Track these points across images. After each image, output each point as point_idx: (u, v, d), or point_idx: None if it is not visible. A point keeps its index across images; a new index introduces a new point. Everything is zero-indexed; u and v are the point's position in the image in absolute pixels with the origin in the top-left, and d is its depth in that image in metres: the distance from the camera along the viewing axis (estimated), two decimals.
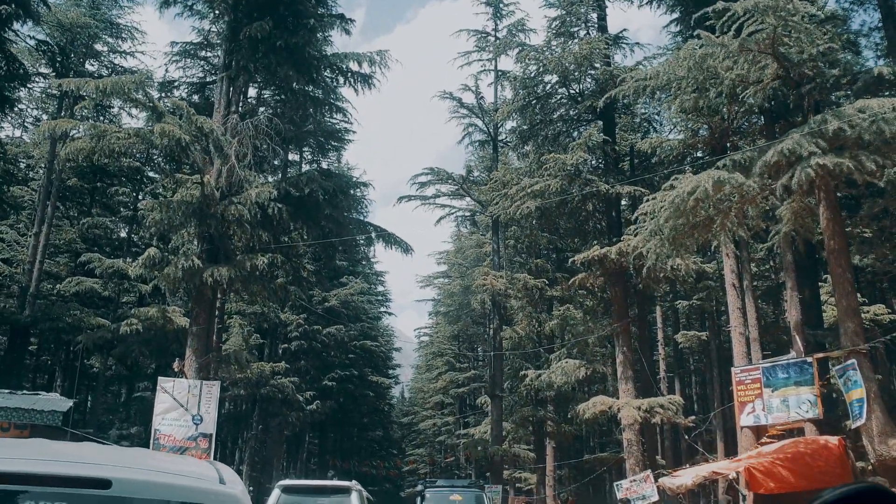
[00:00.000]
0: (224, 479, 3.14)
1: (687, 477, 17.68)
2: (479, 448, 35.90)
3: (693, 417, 27.84)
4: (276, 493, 15.35)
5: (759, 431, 18.87)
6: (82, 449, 3.53)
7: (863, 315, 23.27)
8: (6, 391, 20.82)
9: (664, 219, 15.11)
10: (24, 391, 23.28)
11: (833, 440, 16.40)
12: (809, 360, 17.65)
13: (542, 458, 35.93)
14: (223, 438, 41.36)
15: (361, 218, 28.14)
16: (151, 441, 19.92)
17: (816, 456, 15.95)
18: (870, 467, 15.81)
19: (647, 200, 15.79)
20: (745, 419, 18.77)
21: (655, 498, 19.99)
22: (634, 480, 21.28)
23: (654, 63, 24.10)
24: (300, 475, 43.70)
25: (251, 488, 35.70)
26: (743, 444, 19.69)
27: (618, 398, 23.91)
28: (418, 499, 19.05)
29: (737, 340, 20.49)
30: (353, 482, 16.03)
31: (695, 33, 16.04)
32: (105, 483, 2.71)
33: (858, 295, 23.90)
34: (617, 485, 22.13)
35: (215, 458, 20.85)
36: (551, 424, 34.49)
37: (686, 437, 28.37)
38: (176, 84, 30.28)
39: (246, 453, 38.51)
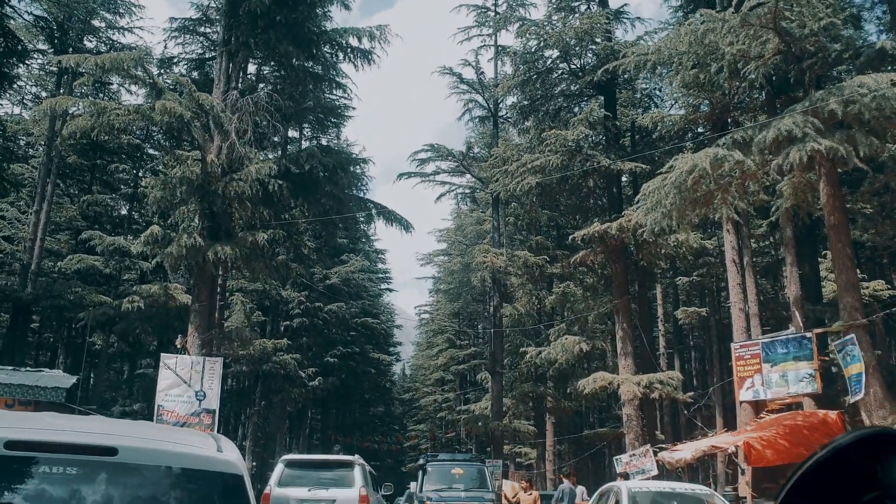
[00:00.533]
0: (221, 448, 3.34)
1: (686, 451, 17.84)
2: (480, 423, 36.14)
3: (692, 393, 28.02)
4: (279, 467, 15.53)
5: (758, 406, 19.01)
6: (91, 421, 3.70)
7: (862, 291, 23.34)
8: (9, 368, 20.95)
9: (667, 196, 15.12)
10: (28, 368, 23.42)
11: (832, 414, 16.52)
12: (808, 335, 17.76)
13: (542, 433, 36.19)
14: (226, 414, 41.63)
15: (361, 195, 28.14)
16: (155, 417, 20.06)
17: (814, 429, 16.08)
18: None
19: (649, 183, 15.78)
20: (744, 394, 18.92)
21: (655, 472, 20.17)
22: (634, 455, 21.46)
23: (655, 38, 23.97)
24: (303, 450, 44.03)
25: (254, 463, 36.01)
26: (742, 418, 19.84)
27: (618, 374, 24.04)
28: (420, 472, 19.03)
29: (736, 316, 20.58)
30: (356, 456, 16.20)
31: (696, 9, 15.98)
32: (112, 451, 2.92)
33: (858, 271, 23.97)
34: (616, 459, 22.31)
35: (218, 434, 21.00)
36: (551, 400, 34.69)
37: (685, 412, 28.56)
38: (175, 60, 30.14)
39: (249, 429, 38.80)
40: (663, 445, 22.23)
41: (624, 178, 28.27)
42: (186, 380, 20.18)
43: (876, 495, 0.84)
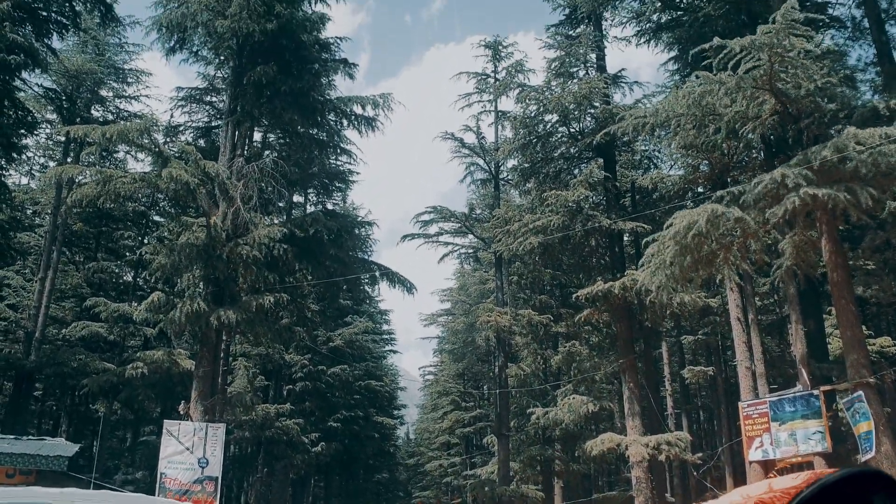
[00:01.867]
0: None
1: None
2: (487, 489, 35.51)
3: (700, 454, 27.63)
4: None
5: (767, 466, 18.75)
6: (102, 494, 5.42)
7: (870, 347, 23.27)
8: (11, 437, 20.78)
9: (668, 256, 15.23)
10: (30, 437, 23.23)
11: None
12: (816, 393, 17.64)
13: (550, 497, 35.54)
14: (229, 482, 41.02)
15: (365, 257, 28.29)
16: (157, 484, 19.84)
17: None
18: None
19: (652, 242, 15.91)
20: (753, 454, 18.69)
21: None
22: None
23: (653, 101, 24.45)
24: None
25: None
26: (752, 478, 19.51)
27: (625, 435, 23.78)
28: None
29: (743, 374, 20.46)
30: None
31: (693, 71, 16.33)
32: None
33: (864, 327, 23.91)
34: None
35: (221, 502, 20.74)
36: (559, 463, 34.18)
37: (695, 473, 28.12)
38: (181, 128, 30.71)
39: (252, 497, 38.21)
40: None
41: (626, 238, 28.43)
42: (189, 447, 20.02)
43: None
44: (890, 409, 22.51)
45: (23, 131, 30.14)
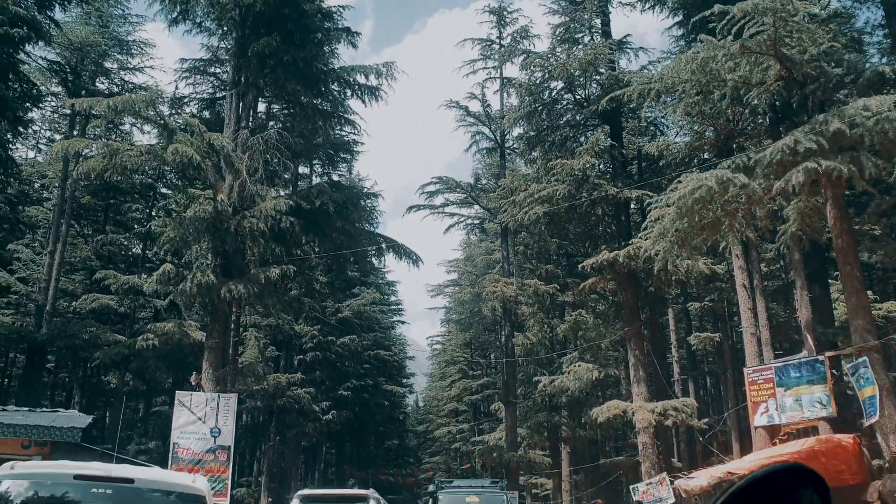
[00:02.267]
0: (196, 481, 6.31)
1: (702, 478, 17.77)
2: (495, 454, 35.99)
3: (706, 420, 27.85)
4: (295, 503, 15.55)
5: (773, 431, 18.90)
6: (120, 466, 6.95)
7: (876, 312, 23.30)
8: (25, 409, 21.06)
9: (671, 221, 15.25)
10: (43, 408, 23.54)
11: (847, 438, 16.42)
12: (821, 358, 17.71)
13: (557, 463, 35.96)
14: (241, 450, 41.57)
15: (372, 229, 28.41)
16: (170, 454, 20.14)
17: (832, 454, 15.98)
18: (885, 464, 15.83)
19: (655, 206, 15.92)
20: (758, 419, 18.83)
21: (672, 500, 20.04)
22: (650, 483, 21.35)
23: (658, 67, 24.26)
24: (318, 485, 43.85)
25: (270, 499, 35.91)
26: (757, 444, 19.72)
27: (631, 402, 23.98)
28: (430, 501, 17.53)
29: (748, 341, 20.55)
30: (371, 490, 16.20)
31: (697, 36, 16.20)
32: (131, 480, 5.75)
33: (870, 292, 23.91)
34: (633, 488, 22.19)
35: (233, 470, 21.07)
36: (566, 429, 34.52)
37: (700, 438, 28.38)
38: (186, 100, 30.66)
39: (264, 464, 38.72)
40: (680, 473, 22.10)
41: (632, 206, 28.41)
42: (201, 417, 20.28)
43: None
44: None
45: (28, 105, 30.17)
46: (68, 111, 33.34)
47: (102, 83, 36.96)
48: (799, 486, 0.93)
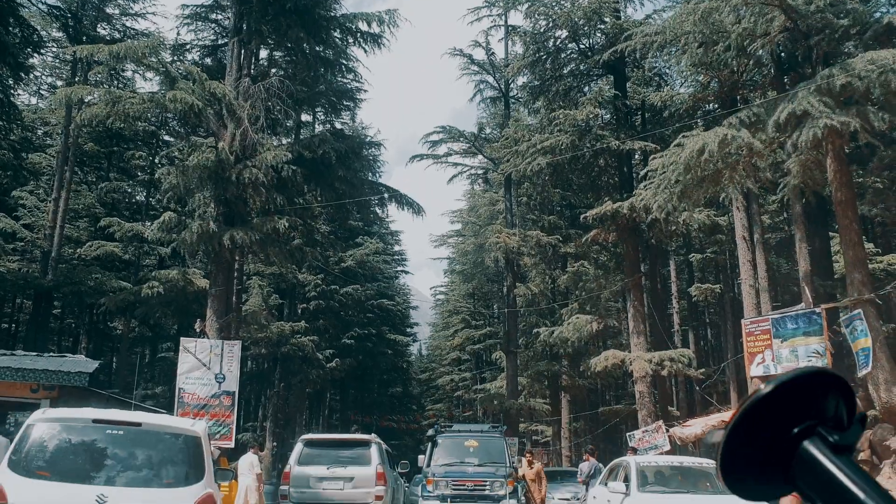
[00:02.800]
0: (195, 425, 7.86)
1: (697, 427, 18.12)
2: (496, 402, 36.49)
3: (703, 370, 28.17)
4: (299, 446, 15.92)
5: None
6: (133, 412, 9.25)
7: (877, 264, 23.40)
8: (33, 354, 21.40)
9: (674, 175, 15.27)
10: (51, 354, 23.91)
11: None
12: (818, 310, 17.88)
13: (557, 410, 36.51)
14: (246, 396, 42.27)
15: (374, 179, 28.37)
16: (175, 399, 20.51)
17: None
18: (877, 414, 16.11)
19: (656, 157, 15.91)
20: (754, 369, 19.09)
21: (667, 447, 20.43)
22: (647, 431, 21.74)
23: (664, 16, 23.92)
24: (322, 430, 44.64)
25: (275, 443, 36.63)
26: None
27: (630, 352, 24.27)
28: (430, 445, 17.12)
29: (747, 293, 20.71)
30: (373, 436, 16.58)
31: None
32: (139, 424, 7.44)
33: (872, 245, 23.97)
34: (629, 435, 22.59)
35: (238, 415, 21.47)
36: (566, 378, 34.96)
37: (698, 388, 28.77)
38: (188, 47, 30.35)
39: (269, 410, 39.37)
40: (677, 422, 22.49)
41: (636, 156, 28.31)
42: (206, 363, 20.60)
43: (808, 424, 1.00)
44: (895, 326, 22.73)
45: (29, 50, 29.97)
46: (70, 57, 33.08)
47: (104, 29, 36.57)
48: (826, 391, 0.98)
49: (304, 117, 35.57)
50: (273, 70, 27.34)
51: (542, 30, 27.14)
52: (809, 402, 0.95)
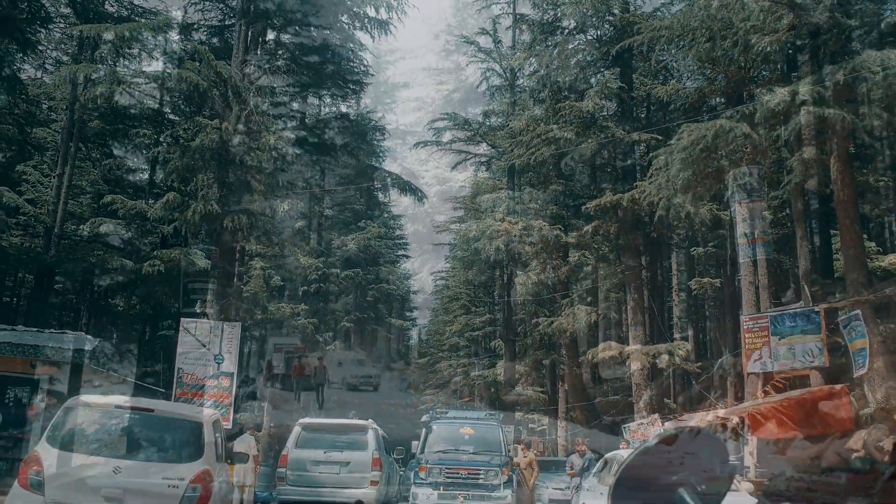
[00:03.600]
0: (202, 411, 11.39)
1: (692, 422, 18.16)
2: (493, 390, 36.66)
3: (700, 364, 28.25)
4: (297, 430, 16.05)
5: (765, 378, 19.22)
6: (147, 399, 11.06)
7: (878, 264, 23.39)
8: (34, 329, 21.48)
9: (676, 169, 15.28)
10: (52, 330, 23.98)
11: (836, 388, 16.73)
12: (817, 309, 17.93)
13: (554, 400, 36.64)
14: (245, 377, 42.39)
15: (377, 164, 28.38)
16: (175, 378, 20.65)
17: (819, 402, 16.30)
18: (873, 415, 16.19)
19: (659, 155, 15.92)
20: (752, 366, 19.15)
21: None
22: (642, 423, 21.86)
23: (672, 10, 23.83)
24: (321, 414, 44.82)
25: (272, 425, 36.80)
26: (750, 390, 20.08)
27: (628, 344, 24.35)
28: (424, 431, 16.95)
29: (746, 288, 20.73)
30: (370, 421, 16.70)
31: None
32: (152, 410, 9.40)
33: (874, 244, 23.94)
34: (624, 427, 22.71)
35: (236, 397, 21.61)
36: (564, 368, 35.06)
37: (694, 382, 28.87)
38: (195, 27, 30.25)
39: (268, 392, 39.52)
40: (672, 416, 22.57)
41: (642, 147, 28.24)
42: (206, 344, 20.71)
43: (684, 474, 1.08)
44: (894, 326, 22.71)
45: (36, 26, 29.86)
46: (76, 33, 32.97)
47: (112, 6, 36.38)
48: (702, 446, 1.05)
49: (310, 100, 35.48)
50: (280, 52, 27.29)
51: (549, 20, 27.04)
52: (688, 454, 1.05)
